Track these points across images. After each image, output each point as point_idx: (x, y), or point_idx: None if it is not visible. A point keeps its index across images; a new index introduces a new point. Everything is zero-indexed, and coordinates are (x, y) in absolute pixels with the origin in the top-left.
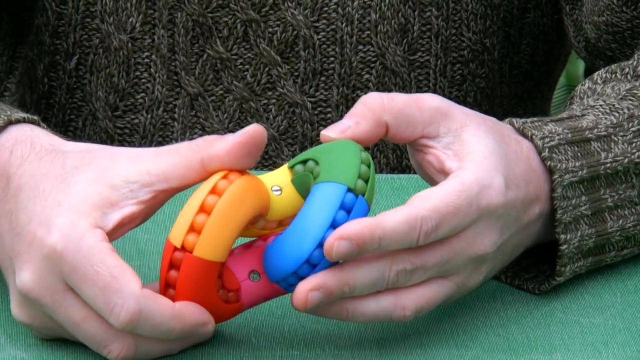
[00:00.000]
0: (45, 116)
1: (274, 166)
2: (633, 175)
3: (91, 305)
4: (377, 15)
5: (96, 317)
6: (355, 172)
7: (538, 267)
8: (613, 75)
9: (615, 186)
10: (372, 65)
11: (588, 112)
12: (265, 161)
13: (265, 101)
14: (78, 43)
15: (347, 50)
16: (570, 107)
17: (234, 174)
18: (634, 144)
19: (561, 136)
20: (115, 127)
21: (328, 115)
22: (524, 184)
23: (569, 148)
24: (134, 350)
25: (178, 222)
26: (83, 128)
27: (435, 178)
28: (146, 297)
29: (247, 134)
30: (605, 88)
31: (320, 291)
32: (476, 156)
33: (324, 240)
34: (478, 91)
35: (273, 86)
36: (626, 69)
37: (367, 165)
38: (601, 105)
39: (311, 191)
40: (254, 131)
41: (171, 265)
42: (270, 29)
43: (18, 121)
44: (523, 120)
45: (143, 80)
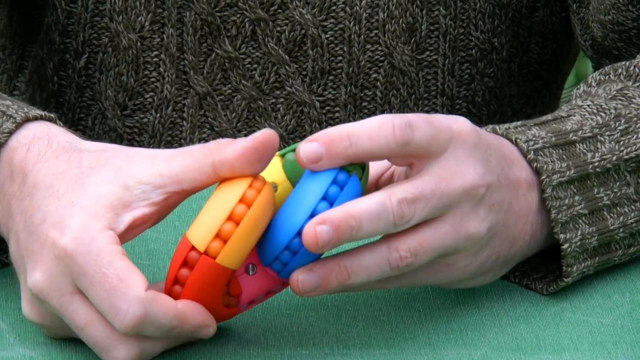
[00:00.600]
0: None
1: None
2: (625, 172)
3: (97, 307)
4: (385, 14)
5: (101, 322)
6: None
7: (547, 267)
8: (606, 76)
9: (609, 184)
10: (380, 64)
11: (574, 113)
12: None
13: (273, 100)
14: (87, 42)
15: (355, 49)
16: (559, 108)
17: (258, 182)
18: (622, 142)
19: (545, 139)
20: (124, 126)
21: (336, 114)
22: (498, 142)
23: (554, 151)
24: (138, 356)
25: (202, 225)
26: (92, 127)
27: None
28: (151, 301)
29: (258, 139)
30: (598, 90)
31: (327, 225)
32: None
33: (317, 212)
34: (486, 90)
35: (281, 85)
36: (619, 70)
37: None
38: (589, 105)
39: (304, 173)
40: (265, 136)
41: (184, 263)
42: (278, 28)
43: (35, 118)
44: (506, 125)
45: (152, 79)
